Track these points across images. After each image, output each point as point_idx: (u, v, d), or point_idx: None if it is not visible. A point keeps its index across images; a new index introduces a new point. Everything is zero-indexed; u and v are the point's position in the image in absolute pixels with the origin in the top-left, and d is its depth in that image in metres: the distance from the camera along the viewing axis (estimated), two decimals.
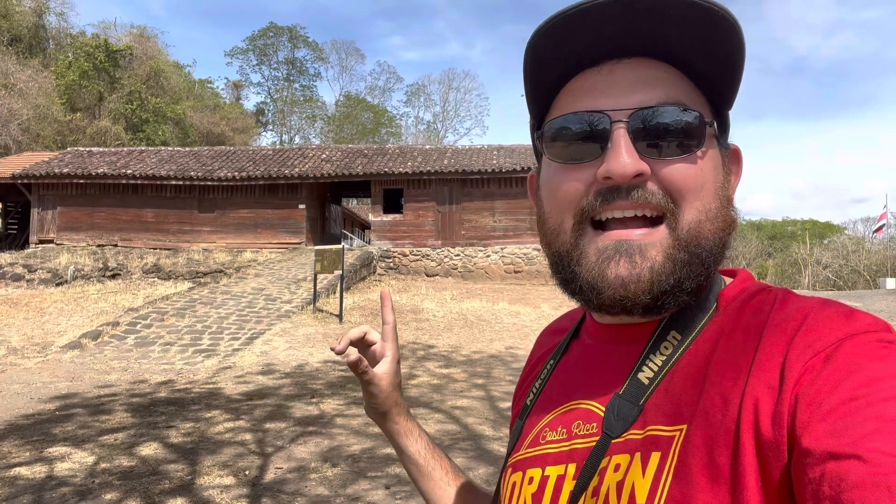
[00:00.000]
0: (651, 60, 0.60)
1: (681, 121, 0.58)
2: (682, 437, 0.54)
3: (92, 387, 8.32)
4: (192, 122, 39.51)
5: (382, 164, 21.35)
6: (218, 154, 23.13)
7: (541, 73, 0.63)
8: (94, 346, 10.66)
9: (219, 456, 5.38)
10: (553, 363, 0.75)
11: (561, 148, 0.62)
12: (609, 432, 0.59)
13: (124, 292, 15.46)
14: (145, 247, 20.81)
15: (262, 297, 14.24)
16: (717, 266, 0.62)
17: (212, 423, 6.42)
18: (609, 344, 0.67)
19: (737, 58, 0.59)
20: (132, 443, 5.78)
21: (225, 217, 21.11)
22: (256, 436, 5.99)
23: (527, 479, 0.66)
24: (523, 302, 16.08)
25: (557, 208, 0.62)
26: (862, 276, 33.56)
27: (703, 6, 0.55)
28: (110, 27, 42.78)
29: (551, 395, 0.71)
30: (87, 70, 34.17)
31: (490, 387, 8.34)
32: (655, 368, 0.60)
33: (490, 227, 20.75)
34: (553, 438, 0.66)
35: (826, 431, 0.45)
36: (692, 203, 0.58)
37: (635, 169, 0.57)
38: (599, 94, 0.60)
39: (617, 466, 0.57)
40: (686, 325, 0.61)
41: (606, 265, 0.58)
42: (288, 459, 5.32)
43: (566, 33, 0.59)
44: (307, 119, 55.16)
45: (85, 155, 22.77)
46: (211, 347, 10.69)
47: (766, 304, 0.59)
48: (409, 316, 13.74)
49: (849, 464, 0.43)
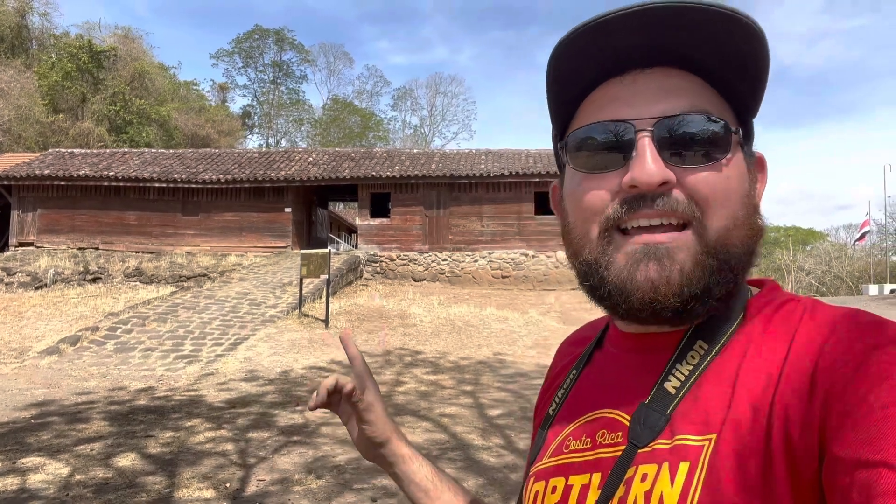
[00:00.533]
0: (674, 70, 0.60)
1: (706, 129, 0.58)
2: (711, 447, 0.54)
3: (69, 394, 8.08)
4: (177, 124, 39.07)
5: (370, 167, 21.20)
6: (203, 156, 22.86)
7: (564, 83, 0.63)
8: (72, 352, 10.40)
9: (199, 467, 5.20)
10: (576, 373, 0.74)
11: (585, 158, 0.61)
12: (635, 441, 0.59)
13: (105, 296, 15.16)
14: (127, 250, 20.48)
15: (247, 302, 14.03)
16: (745, 273, 0.61)
17: (192, 433, 6.23)
18: (634, 353, 0.66)
19: (761, 66, 0.59)
20: (109, 453, 5.58)
21: (209, 220, 20.83)
22: (239, 446, 5.81)
23: (550, 488, 0.65)
24: (511, 307, 15.98)
25: (583, 218, 0.62)
26: (845, 283, 33.88)
27: (727, 15, 0.55)
28: (94, 28, 42.29)
29: (575, 405, 0.70)
30: (70, 71, 33.68)
31: (478, 394, 8.21)
32: (682, 378, 0.59)
33: (478, 231, 20.65)
34: (577, 448, 0.65)
35: (856, 439, 0.45)
36: (719, 211, 0.58)
37: (661, 177, 0.56)
38: (623, 104, 0.60)
39: (644, 476, 0.56)
40: (713, 335, 0.60)
41: (636, 268, 0.57)
42: (271, 471, 5.15)
43: (589, 44, 0.59)
44: (294, 122, 54.80)
45: (66, 156, 22.41)
46: (193, 353, 10.47)
47: (794, 313, 0.59)
48: (396, 321, 13.58)
49: (878, 471, 0.43)
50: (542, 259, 20.34)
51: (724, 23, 0.55)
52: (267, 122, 53.90)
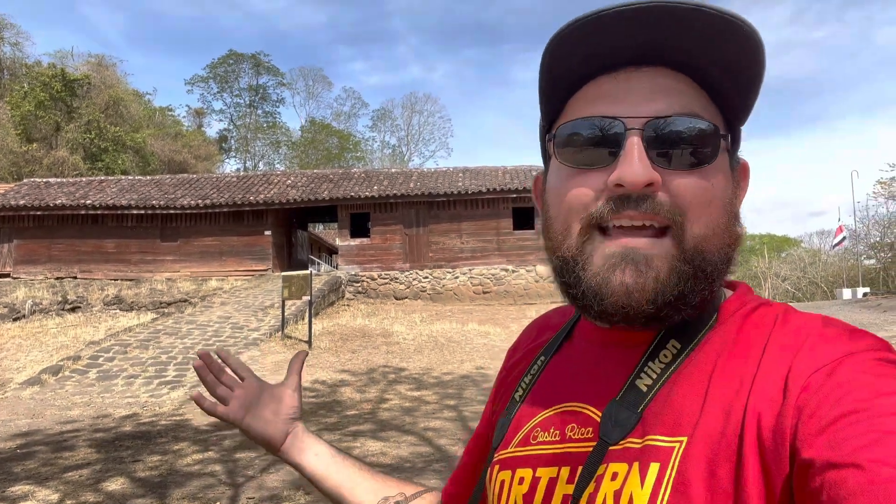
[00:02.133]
0: (669, 70, 0.60)
1: (695, 132, 0.58)
2: (682, 449, 0.54)
3: (54, 423, 8.08)
4: (153, 150, 38.96)
5: (348, 188, 21.37)
6: (180, 182, 22.87)
7: (557, 75, 0.63)
8: (54, 382, 10.36)
9: (188, 488, 5.28)
10: (544, 360, 0.73)
11: (572, 152, 0.61)
12: (606, 438, 0.58)
13: (85, 325, 15.06)
14: (106, 278, 20.36)
15: (229, 326, 14.04)
16: (721, 280, 0.61)
17: (180, 456, 6.29)
18: (605, 347, 0.66)
19: (756, 74, 0.58)
20: (98, 478, 5.63)
21: (189, 245, 20.81)
22: (226, 466, 5.89)
23: (517, 478, 0.64)
24: (492, 322, 16.16)
25: (565, 213, 0.61)
26: (819, 288, 34.55)
27: (728, 20, 0.54)
28: (67, 56, 42.16)
29: (543, 394, 0.69)
30: (43, 100, 33.50)
31: (461, 407, 8.35)
32: (654, 376, 0.59)
33: (458, 248, 20.86)
34: (545, 439, 0.64)
35: (826, 443, 0.46)
36: (700, 217, 0.58)
37: (647, 178, 0.56)
38: (615, 101, 0.59)
39: (614, 475, 0.56)
40: (686, 335, 0.60)
41: (612, 272, 0.57)
42: (259, 489, 5.25)
43: (585, 38, 0.58)
44: (271, 145, 54.90)
45: (42, 186, 22.28)
46: (177, 379, 10.48)
47: (767, 318, 0.59)
48: (379, 339, 13.69)
49: (847, 472, 0.43)
50: (522, 273, 20.58)
51: (723, 27, 0.55)
52: (244, 146, 53.92)
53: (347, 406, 8.61)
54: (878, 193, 28.97)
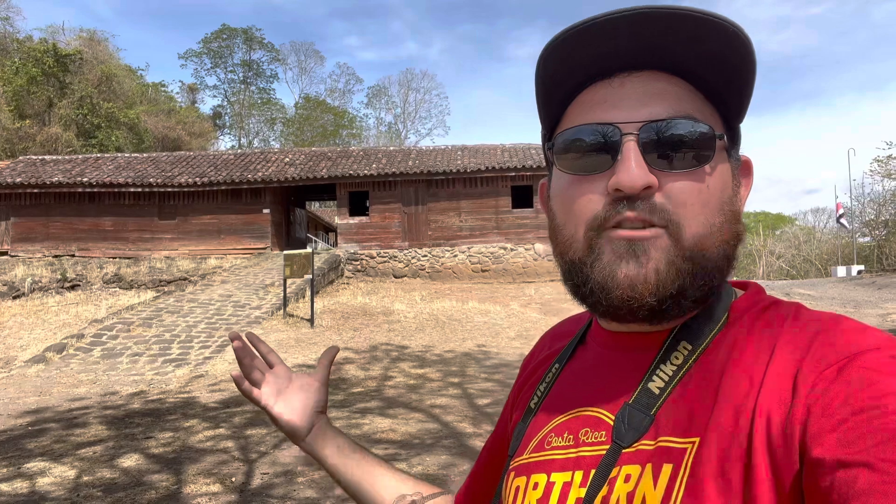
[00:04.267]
0: (662, 74, 0.61)
1: (691, 134, 0.59)
2: (694, 450, 0.54)
3: (62, 400, 8.15)
4: (147, 126, 38.58)
5: (347, 166, 21.31)
6: (178, 159, 22.75)
7: (552, 84, 0.64)
8: (59, 360, 10.42)
9: (202, 464, 5.38)
10: (559, 367, 0.74)
11: (572, 159, 0.62)
12: (619, 441, 0.59)
13: (86, 303, 15.11)
14: (104, 256, 20.34)
15: (231, 304, 14.10)
16: (722, 277, 0.62)
17: (191, 433, 6.38)
18: (617, 351, 0.67)
19: (747, 72, 0.60)
20: (112, 455, 5.72)
21: (187, 224, 20.78)
22: (238, 443, 5.99)
23: (531, 484, 0.65)
24: (492, 300, 16.27)
25: (571, 219, 0.63)
26: (814, 266, 34.82)
27: (715, 22, 0.56)
28: (58, 31, 41.55)
29: (557, 400, 0.70)
30: (35, 76, 33.08)
31: (466, 385, 8.47)
32: (666, 378, 0.60)
33: (456, 226, 20.90)
34: (559, 444, 0.65)
35: (836, 441, 0.46)
36: (696, 217, 0.59)
37: (644, 181, 0.57)
38: (610, 107, 0.60)
39: (627, 477, 0.57)
40: (697, 335, 0.61)
41: (617, 266, 0.59)
42: (273, 464, 5.34)
43: (578, 46, 0.60)
44: (266, 122, 54.48)
45: (38, 163, 22.13)
46: (181, 357, 10.56)
47: (777, 317, 0.60)
48: (380, 318, 13.78)
49: (857, 471, 0.44)
50: (521, 252, 20.66)
51: (709, 28, 0.56)
52: (239, 123, 53.48)
53: (353, 384, 8.71)
54: (875, 171, 29.07)
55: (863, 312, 14.28)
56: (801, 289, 19.82)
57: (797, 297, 17.94)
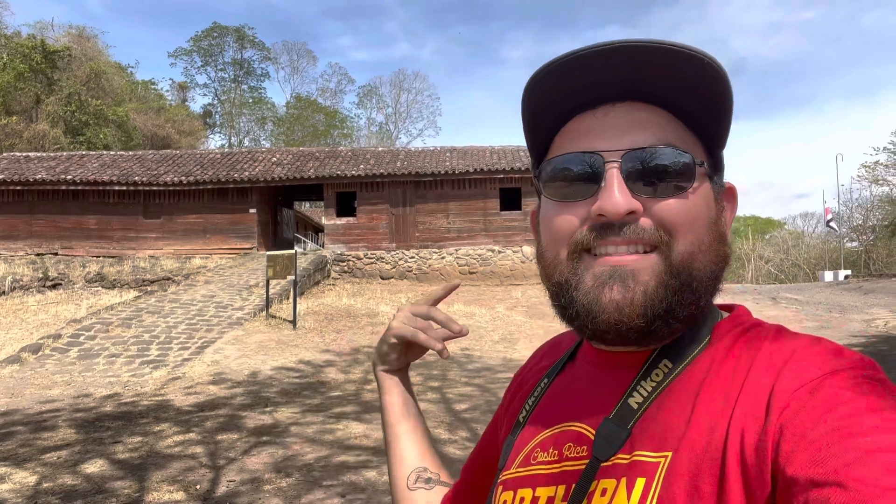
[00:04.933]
0: (644, 104, 0.63)
1: (671, 162, 0.61)
2: (667, 464, 0.55)
3: (34, 402, 8.00)
4: (136, 124, 38.27)
5: (335, 166, 21.17)
6: (163, 158, 22.54)
7: (538, 116, 0.66)
8: (34, 360, 10.24)
9: (168, 470, 5.25)
10: (547, 382, 0.75)
11: (557, 187, 0.64)
12: (598, 455, 0.60)
13: (66, 303, 14.91)
14: (88, 255, 20.11)
15: (213, 305, 13.94)
16: (709, 297, 0.63)
17: (161, 437, 6.25)
18: (603, 369, 0.68)
19: (723, 102, 0.62)
20: (76, 460, 5.58)
21: (172, 223, 20.58)
22: (208, 448, 5.86)
23: (518, 498, 0.66)
24: (478, 303, 16.18)
25: (553, 241, 0.64)
26: (802, 270, 34.95)
27: (689, 55, 0.58)
28: (47, 27, 41.20)
29: (543, 415, 0.72)
30: (22, 72, 32.74)
31: (445, 389, 8.37)
32: (645, 394, 0.61)
33: (444, 228, 20.80)
34: (544, 459, 0.67)
35: (809, 460, 0.47)
36: (685, 235, 0.60)
37: (627, 207, 0.59)
38: (594, 136, 0.62)
39: (604, 491, 0.58)
40: (678, 354, 0.63)
41: (601, 290, 0.60)
42: (240, 471, 5.22)
43: (562, 79, 0.62)
44: (257, 121, 54.16)
45: (22, 161, 21.87)
46: (159, 358, 10.41)
47: (757, 338, 0.61)
48: (364, 320, 13.66)
49: (830, 490, 0.44)
50: (509, 254, 20.59)
51: (688, 62, 0.58)
52: (229, 122, 53.17)
53: (332, 387, 8.59)
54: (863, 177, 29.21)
55: (848, 317, 14.28)
56: (788, 293, 19.84)
57: (784, 301, 17.95)
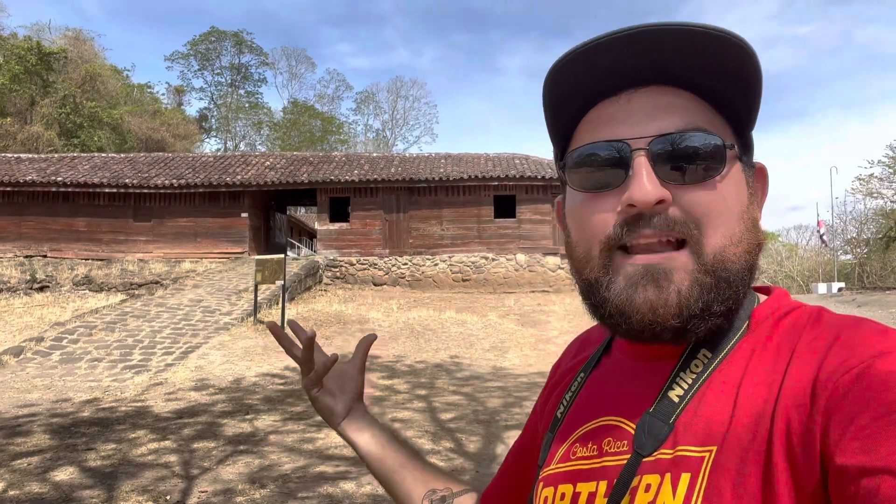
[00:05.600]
0: (668, 87, 0.61)
1: (700, 146, 0.58)
2: (712, 459, 0.54)
3: (11, 406, 7.81)
4: (131, 127, 38.12)
5: (328, 171, 21.04)
6: (155, 161, 22.38)
7: (560, 105, 0.65)
8: (15, 363, 10.05)
9: (139, 479, 5.08)
10: (584, 376, 0.74)
11: (583, 177, 0.62)
12: (640, 451, 0.59)
13: (52, 305, 14.70)
14: (77, 257, 19.90)
15: (200, 310, 13.76)
16: (745, 287, 0.61)
17: (135, 445, 6.08)
18: (639, 361, 0.67)
19: (753, 81, 0.60)
20: (47, 467, 5.40)
21: (162, 226, 20.40)
22: (182, 457, 5.69)
23: (558, 494, 0.65)
24: (470, 311, 16.03)
25: (585, 238, 0.63)
26: (795, 282, 34.94)
27: (717, 36, 0.56)
28: (44, 29, 41.08)
29: (581, 410, 0.70)
30: (17, 73, 32.61)
31: (432, 398, 8.21)
32: (686, 386, 0.60)
33: (438, 235, 20.68)
34: (583, 455, 0.65)
35: (858, 448, 0.45)
36: (716, 228, 0.58)
37: (657, 196, 0.57)
38: (619, 123, 0.61)
39: (648, 486, 0.57)
40: (717, 344, 0.61)
41: (634, 290, 0.58)
42: (214, 482, 5.05)
43: (584, 66, 0.60)
44: (253, 125, 54.03)
45: (12, 161, 21.69)
46: (142, 363, 10.22)
47: (798, 322, 0.59)
48: (354, 326, 13.50)
49: (881, 479, 0.43)
50: (502, 262, 20.46)
51: (714, 42, 0.56)
52: (225, 126, 53.03)
53: None
54: (857, 190, 29.23)
55: None
56: None
57: None
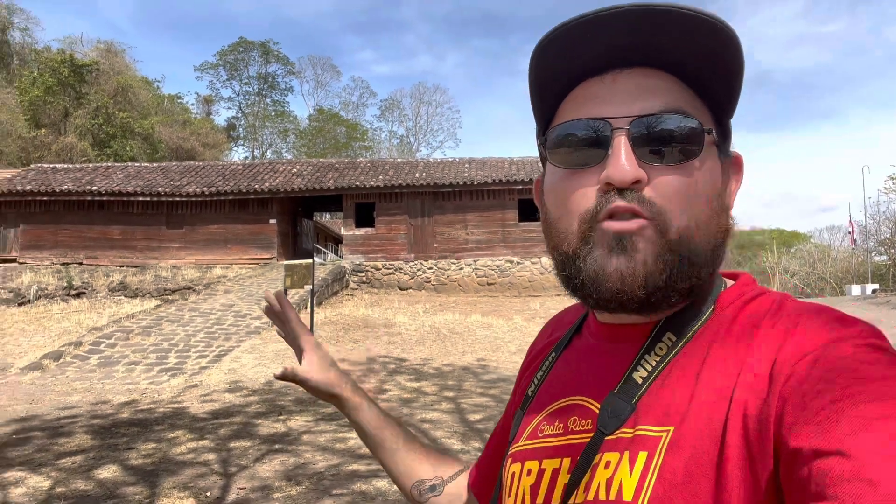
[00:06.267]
0: (653, 70, 0.62)
1: (680, 128, 0.60)
2: (668, 438, 0.55)
3: (52, 409, 8.08)
4: (161, 137, 38.96)
5: (354, 177, 21.29)
6: (186, 169, 22.86)
7: (545, 81, 0.65)
8: (55, 367, 10.38)
9: (180, 477, 5.25)
10: (555, 356, 0.76)
11: (564, 154, 0.63)
12: (603, 429, 0.61)
13: (89, 311, 15.12)
14: (111, 264, 20.41)
15: (232, 314, 14.04)
16: (709, 270, 0.62)
17: (174, 444, 6.27)
18: (608, 342, 0.69)
19: (735, 68, 0.61)
20: (90, 466, 5.61)
21: (194, 233, 20.83)
22: (220, 455, 5.86)
23: (525, 470, 0.68)
24: (496, 314, 16.09)
25: (564, 213, 0.64)
26: (828, 284, 34.28)
27: (702, 19, 0.57)
28: (76, 42, 42.22)
29: (550, 389, 0.72)
30: (52, 85, 33.54)
31: (460, 399, 8.30)
32: (649, 368, 0.62)
33: (462, 239, 20.78)
34: (550, 432, 0.67)
35: (812, 432, 0.46)
36: (683, 211, 0.60)
37: (634, 175, 0.58)
38: (602, 102, 0.62)
39: (607, 464, 0.59)
40: (682, 327, 0.63)
41: (607, 260, 0.60)
42: (251, 479, 5.21)
43: (570, 44, 0.61)
44: (279, 133, 54.83)
45: (49, 172, 22.33)
46: (177, 366, 10.48)
47: (761, 308, 0.61)
48: (381, 330, 13.65)
49: (833, 460, 0.44)
50: (527, 265, 20.49)
51: (697, 24, 0.58)
52: (252, 134, 53.89)
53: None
54: (890, 189, 28.60)
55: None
56: None
57: None
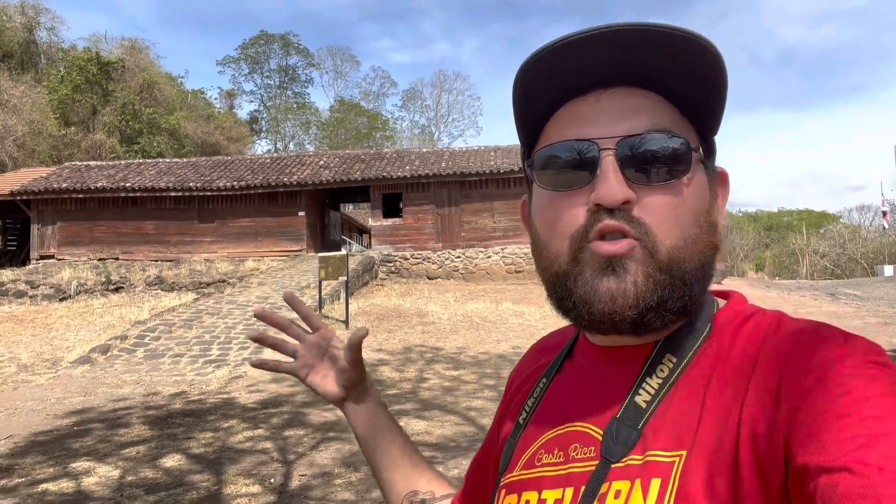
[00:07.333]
0: (637, 89, 0.62)
1: (667, 147, 0.60)
2: (681, 464, 0.55)
3: (106, 401, 8.36)
4: (186, 132, 39.47)
5: (380, 168, 21.43)
6: (216, 164, 23.19)
7: (529, 103, 0.65)
8: (104, 361, 10.70)
9: (242, 464, 5.45)
10: (546, 382, 0.74)
11: (551, 176, 0.63)
12: (608, 457, 0.59)
13: (129, 305, 15.50)
14: (146, 259, 20.84)
15: (268, 306, 14.28)
16: (701, 287, 0.62)
17: (231, 433, 6.48)
18: (604, 366, 0.67)
19: (719, 85, 0.62)
20: (154, 455, 5.84)
21: (225, 227, 21.16)
22: (277, 444, 6.06)
23: (522, 501, 0.65)
24: (526, 301, 16.17)
25: (554, 235, 0.63)
26: (859, 265, 33.75)
27: (682, 36, 0.57)
28: (101, 40, 42.79)
29: (545, 416, 0.70)
30: (79, 84, 34.13)
31: (501, 387, 8.42)
32: (652, 391, 0.61)
33: (490, 227, 20.84)
34: (549, 461, 0.65)
35: (818, 448, 0.47)
36: (672, 230, 0.60)
37: (623, 196, 0.58)
38: (587, 123, 0.62)
39: (617, 493, 0.57)
40: (681, 347, 0.62)
41: (598, 280, 0.60)
42: (311, 466, 5.39)
43: (553, 64, 0.61)
44: (301, 125, 55.23)
45: (83, 169, 22.80)
46: (220, 357, 10.75)
47: (760, 327, 0.61)
48: (414, 319, 13.81)
49: (839, 476, 0.45)
50: None
51: (679, 43, 0.58)
52: (274, 127, 54.30)
53: (388, 385, 8.74)
54: None
55: None
56: (846, 289, 19.23)
57: (843, 297, 17.40)
